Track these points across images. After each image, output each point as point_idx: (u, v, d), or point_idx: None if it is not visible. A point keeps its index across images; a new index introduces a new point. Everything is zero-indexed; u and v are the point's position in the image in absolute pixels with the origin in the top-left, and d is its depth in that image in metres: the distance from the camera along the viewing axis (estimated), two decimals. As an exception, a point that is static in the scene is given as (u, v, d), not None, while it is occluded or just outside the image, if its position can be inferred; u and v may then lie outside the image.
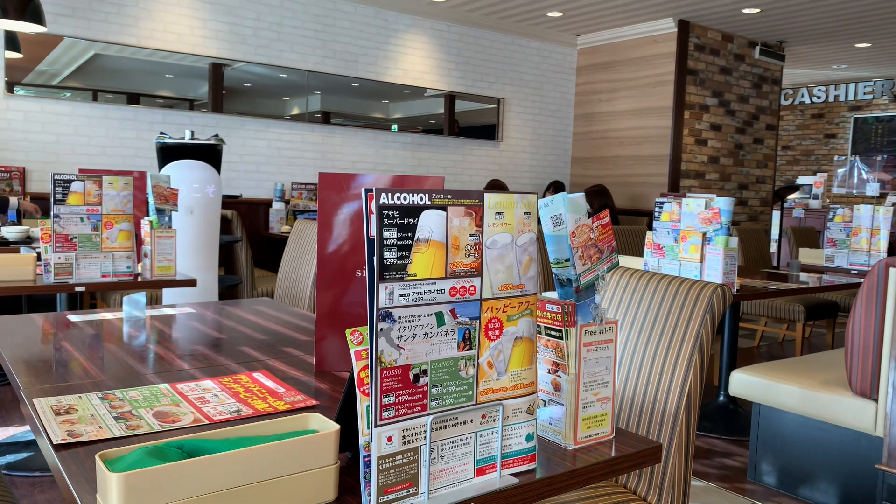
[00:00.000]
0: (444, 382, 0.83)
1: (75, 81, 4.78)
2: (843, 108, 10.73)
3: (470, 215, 0.84)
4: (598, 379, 1.04)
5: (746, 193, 7.21)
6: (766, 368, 2.65)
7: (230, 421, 1.05)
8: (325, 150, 5.80)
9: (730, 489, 2.64)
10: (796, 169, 11.28)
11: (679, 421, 1.38)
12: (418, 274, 0.79)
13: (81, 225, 2.36)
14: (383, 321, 0.77)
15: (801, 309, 4.18)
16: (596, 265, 1.03)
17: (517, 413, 0.90)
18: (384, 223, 0.76)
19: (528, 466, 0.92)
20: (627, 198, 6.81)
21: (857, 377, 2.31)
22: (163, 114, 5.05)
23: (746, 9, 5.94)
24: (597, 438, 1.04)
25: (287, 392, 1.20)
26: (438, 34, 6.32)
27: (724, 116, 6.84)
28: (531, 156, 7.05)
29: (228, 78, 5.35)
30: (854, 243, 3.90)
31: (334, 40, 5.74)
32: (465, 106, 6.63)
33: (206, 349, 1.51)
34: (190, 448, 0.77)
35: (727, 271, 2.73)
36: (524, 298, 0.90)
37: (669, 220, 2.85)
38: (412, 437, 0.80)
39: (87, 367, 1.33)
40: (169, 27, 5.00)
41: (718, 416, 3.34)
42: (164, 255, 2.59)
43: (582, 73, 7.25)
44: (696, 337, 1.39)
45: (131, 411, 1.08)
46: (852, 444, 2.41)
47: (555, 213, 1.01)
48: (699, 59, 6.54)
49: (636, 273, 1.58)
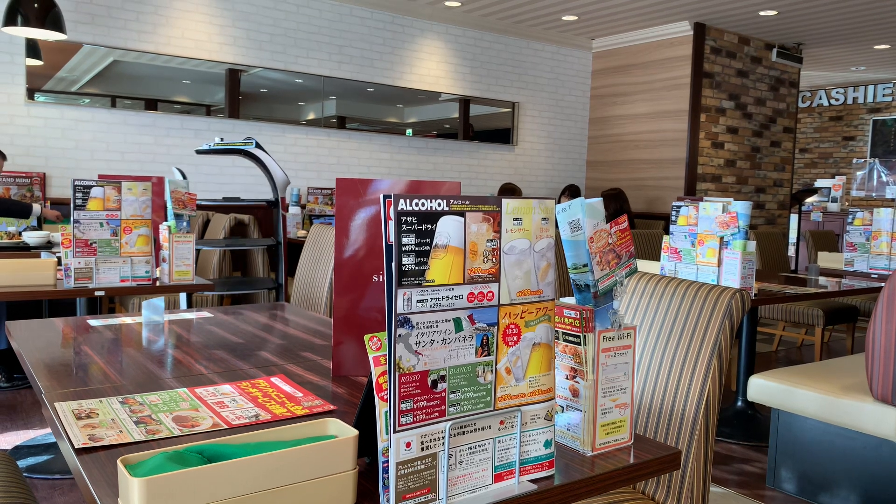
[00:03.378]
0: (462, 388, 0.83)
1: (94, 88, 4.84)
2: (861, 110, 10.61)
3: (488, 221, 0.84)
4: (616, 385, 1.03)
5: (764, 197, 7.16)
6: (785, 374, 2.62)
7: (248, 426, 1.06)
8: (340, 154, 5.83)
9: (749, 496, 2.61)
10: (814, 172, 11.17)
11: (698, 427, 1.37)
12: (436, 280, 0.79)
13: (101, 230, 2.39)
14: (402, 327, 0.77)
15: (819, 313, 4.14)
16: (614, 270, 1.02)
17: (535, 419, 0.90)
18: (402, 229, 0.77)
19: (546, 473, 0.91)
20: (643, 201, 6.77)
21: (878, 383, 2.28)
22: (180, 119, 5.10)
23: (763, 11, 5.90)
24: (615, 445, 1.03)
25: (305, 397, 1.20)
26: (453, 39, 6.33)
27: (740, 119, 6.79)
28: (546, 160, 7.04)
29: (245, 83, 5.39)
30: (874, 247, 3.86)
31: (349, 45, 5.77)
32: (479, 110, 6.63)
33: (225, 353, 1.52)
34: (210, 453, 0.77)
35: (745, 275, 2.71)
36: (542, 304, 0.90)
37: (686, 223, 2.83)
38: (430, 442, 0.80)
39: (107, 371, 1.34)
40: (187, 34, 5.05)
41: (737, 422, 3.31)
42: (183, 260, 2.62)
43: (597, 77, 7.23)
44: (715, 342, 1.38)
45: (151, 416, 1.09)
46: (874, 451, 2.38)
47: (573, 219, 1.00)
48: (715, 61, 6.50)
49: (654, 278, 1.57)
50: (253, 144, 4.04)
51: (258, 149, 3.99)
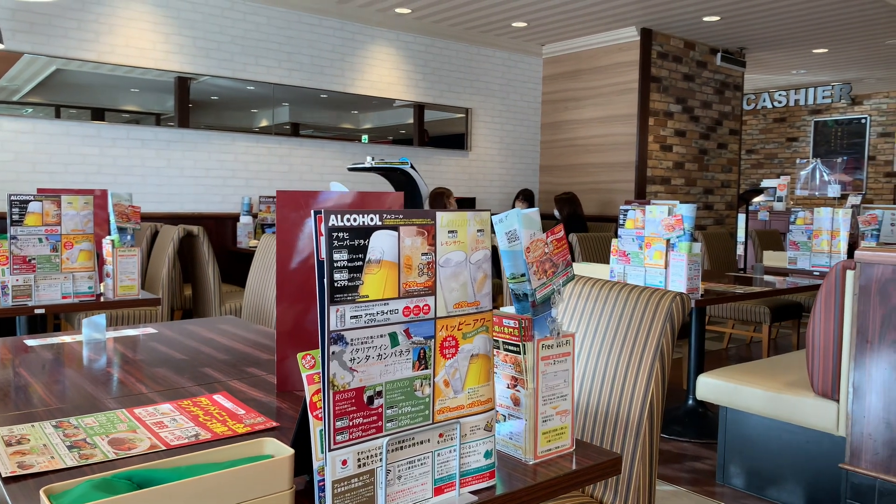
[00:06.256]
0: (400, 403, 0.82)
1: (37, 97, 4.70)
2: (803, 111, 10.97)
3: (422, 234, 0.84)
4: (556, 392, 1.04)
5: (712, 198, 7.33)
6: (732, 372, 2.68)
7: (188, 446, 1.03)
8: (292, 162, 5.77)
9: (699, 493, 2.67)
10: (760, 172, 11.50)
11: (642, 429, 1.39)
12: (370, 295, 0.79)
13: (40, 246, 2.32)
14: (335, 344, 0.76)
15: (766, 311, 4.25)
16: (551, 279, 1.04)
17: (475, 430, 0.90)
18: (334, 245, 0.76)
19: (487, 483, 0.92)
20: (596, 204, 6.87)
21: (818, 378, 2.35)
22: (126, 129, 4.98)
23: (707, 16, 6.05)
24: (557, 452, 1.04)
25: (247, 414, 1.19)
26: (405, 45, 6.34)
27: (688, 122, 6.95)
28: (500, 165, 7.08)
29: (195, 91, 5.30)
30: (815, 245, 3.98)
31: (299, 52, 5.72)
32: (434, 116, 6.65)
33: (167, 371, 1.49)
34: (140, 479, 0.76)
35: (691, 276, 2.77)
36: (479, 315, 0.90)
37: (634, 227, 2.88)
38: (368, 459, 0.79)
39: (43, 394, 1.30)
40: (131, 42, 4.94)
41: (688, 420, 3.37)
42: (127, 275, 2.55)
43: (548, 83, 7.32)
44: (657, 346, 1.41)
45: (86, 439, 1.06)
46: (816, 444, 2.45)
47: (509, 229, 1.01)
48: (662, 66, 6.64)
49: (598, 283, 1.59)
50: (409, 164, 4.87)
51: (412, 169, 4.85)
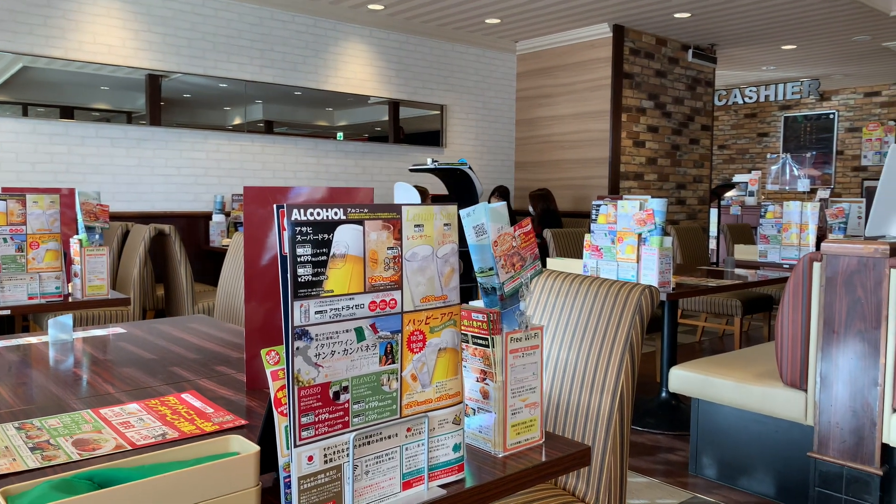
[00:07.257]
0: (367, 398, 0.82)
1: (3, 95, 4.60)
2: (773, 107, 11.13)
3: (388, 228, 0.84)
4: (525, 385, 1.05)
5: (685, 193, 7.41)
6: (703, 364, 2.72)
7: (154, 445, 1.02)
8: (265, 160, 5.72)
9: (672, 484, 2.70)
10: (732, 167, 11.65)
11: (613, 421, 1.41)
12: (335, 290, 0.79)
13: (5, 246, 2.27)
14: (299, 339, 0.76)
15: (738, 304, 4.31)
16: (519, 273, 1.04)
17: (443, 424, 0.90)
18: (297, 240, 0.76)
19: (456, 477, 0.92)
20: (571, 200, 6.91)
21: (787, 369, 2.39)
22: (96, 127, 4.90)
23: (678, 13, 6.11)
24: (526, 444, 1.05)
25: (216, 412, 1.18)
26: (378, 42, 6.31)
27: (660, 118, 7.01)
28: (475, 161, 7.09)
29: (167, 89, 5.23)
30: (785, 238, 4.04)
31: (271, 49, 5.67)
32: (409, 113, 6.63)
33: (134, 371, 1.47)
34: (102, 479, 0.75)
35: (663, 270, 2.80)
36: (447, 309, 0.90)
37: (606, 222, 2.90)
38: (334, 455, 0.79)
39: (6, 396, 1.28)
40: (99, 38, 4.86)
41: (661, 413, 3.41)
42: (96, 274, 2.52)
43: (522, 79, 7.34)
44: (627, 338, 1.42)
45: (49, 440, 1.04)
46: (785, 433, 2.49)
47: (477, 223, 1.01)
48: (634, 62, 6.69)
49: (568, 277, 1.60)
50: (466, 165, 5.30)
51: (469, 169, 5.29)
